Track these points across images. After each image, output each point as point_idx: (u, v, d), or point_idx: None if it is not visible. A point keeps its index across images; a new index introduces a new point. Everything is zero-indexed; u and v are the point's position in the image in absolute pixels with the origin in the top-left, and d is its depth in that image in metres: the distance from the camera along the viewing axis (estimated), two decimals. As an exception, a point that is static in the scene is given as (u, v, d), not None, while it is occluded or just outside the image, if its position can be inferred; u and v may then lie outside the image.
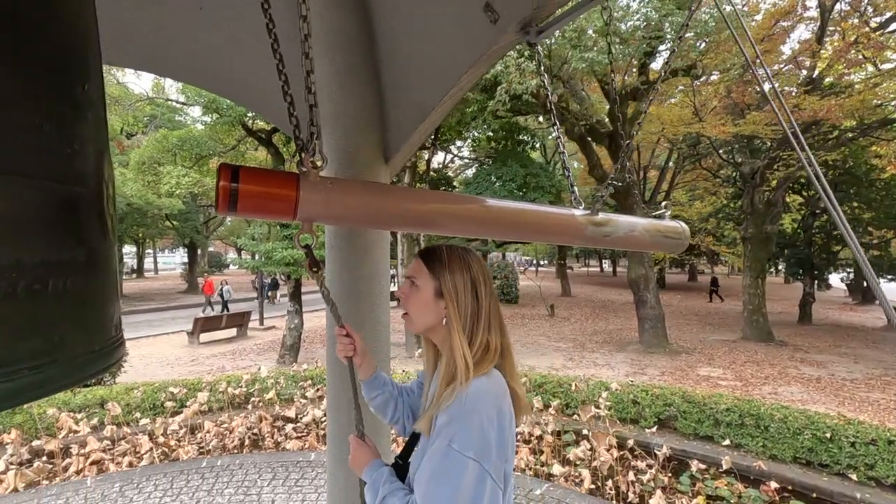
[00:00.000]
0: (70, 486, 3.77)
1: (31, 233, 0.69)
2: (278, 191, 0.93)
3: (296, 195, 0.93)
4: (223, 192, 0.89)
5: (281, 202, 0.93)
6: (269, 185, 0.93)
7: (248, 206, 0.91)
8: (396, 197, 1.19)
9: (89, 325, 0.82)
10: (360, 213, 1.08)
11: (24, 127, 0.69)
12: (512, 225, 1.43)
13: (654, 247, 1.74)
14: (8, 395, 0.65)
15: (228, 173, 0.90)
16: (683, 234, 1.77)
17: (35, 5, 0.70)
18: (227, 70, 2.47)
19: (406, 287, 1.17)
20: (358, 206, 1.06)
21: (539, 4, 1.74)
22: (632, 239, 1.64)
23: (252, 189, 0.90)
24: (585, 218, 1.50)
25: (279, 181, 0.94)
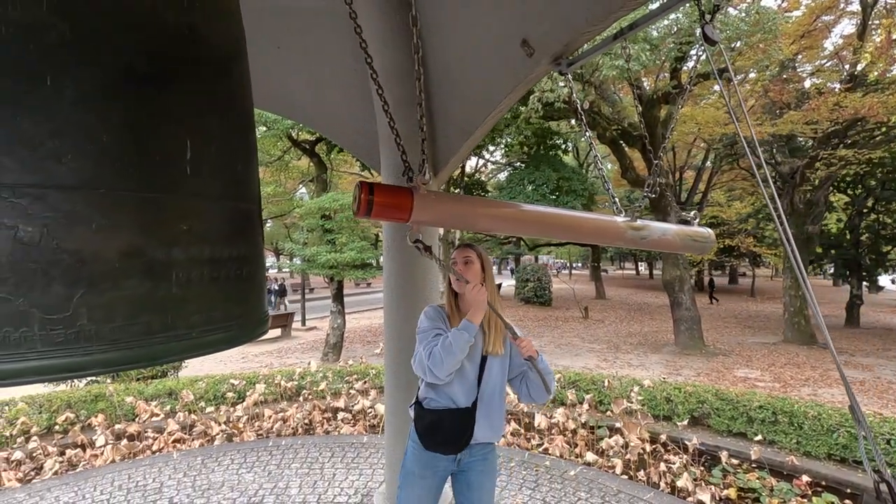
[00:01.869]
0: (160, 459, 4.33)
1: (232, 236, 1.07)
2: (399, 201, 1.30)
3: (411, 204, 1.30)
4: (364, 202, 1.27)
5: (401, 210, 1.31)
6: (393, 198, 1.30)
7: (379, 212, 1.29)
8: (476, 205, 1.63)
9: (257, 299, 1.20)
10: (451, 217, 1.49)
11: (229, 166, 1.07)
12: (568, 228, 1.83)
13: (684, 249, 2.04)
14: (226, 340, 1.03)
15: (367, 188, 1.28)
16: (709, 239, 2.06)
17: (216, 65, 1.03)
18: (300, 100, 2.89)
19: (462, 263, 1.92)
20: (450, 211, 1.46)
21: (569, 41, 2.07)
22: (664, 241, 1.95)
23: (383, 200, 1.28)
24: (626, 223, 1.84)
25: (399, 194, 1.32)
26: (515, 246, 29.25)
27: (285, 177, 18.05)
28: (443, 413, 1.86)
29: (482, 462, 1.94)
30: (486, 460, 1.96)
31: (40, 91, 0.69)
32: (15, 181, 0.63)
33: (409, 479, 1.93)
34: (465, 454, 1.90)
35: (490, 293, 1.85)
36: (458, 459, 1.91)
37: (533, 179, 13.68)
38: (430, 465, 1.90)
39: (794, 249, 0.98)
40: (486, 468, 1.95)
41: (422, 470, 1.90)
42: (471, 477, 1.93)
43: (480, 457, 1.94)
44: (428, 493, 1.91)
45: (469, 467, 1.93)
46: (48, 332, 0.62)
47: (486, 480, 1.95)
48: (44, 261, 0.63)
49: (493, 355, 1.90)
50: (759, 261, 26.42)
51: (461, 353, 1.74)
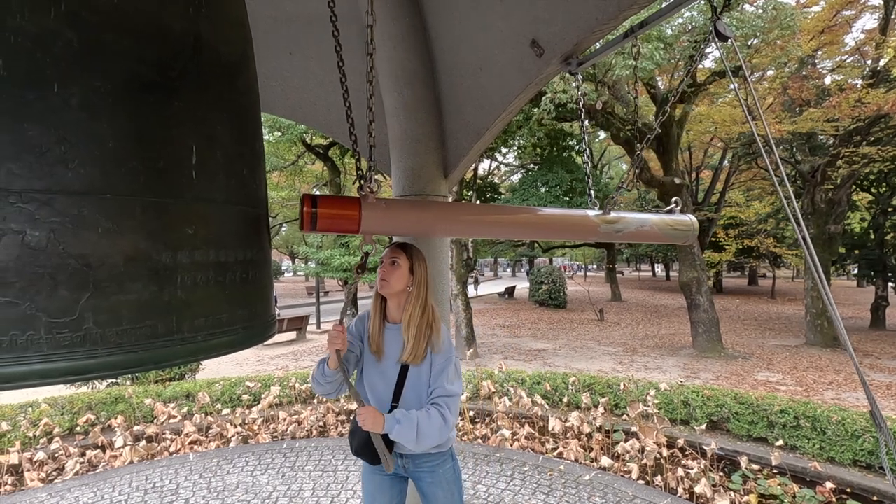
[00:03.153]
0: (176, 460, 4.39)
1: (238, 241, 1.07)
2: (346, 212, 1.26)
3: (359, 214, 1.26)
4: (307, 215, 1.23)
5: (348, 220, 1.26)
6: (339, 208, 1.26)
7: (325, 225, 1.24)
8: (434, 211, 1.58)
9: (266, 302, 1.20)
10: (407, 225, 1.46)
11: (235, 171, 1.08)
12: (534, 226, 1.76)
13: (665, 239, 1.93)
14: (232, 343, 1.03)
15: (310, 201, 1.23)
16: (692, 227, 1.95)
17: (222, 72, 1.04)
18: (313, 105, 2.92)
19: (388, 264, 1.77)
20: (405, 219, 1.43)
21: (579, 41, 2.06)
22: (643, 233, 1.86)
23: (327, 212, 1.24)
24: (598, 217, 1.75)
25: (346, 204, 1.27)
26: (529, 248, 29.11)
27: (300, 181, 18.25)
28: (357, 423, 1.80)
29: (430, 474, 1.85)
30: (435, 473, 1.86)
31: (48, 98, 0.70)
32: (22, 187, 0.64)
33: (364, 473, 1.95)
34: (406, 463, 1.85)
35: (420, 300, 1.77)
36: (402, 466, 1.87)
37: (546, 181, 13.60)
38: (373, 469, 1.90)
39: (810, 247, 0.95)
40: (435, 479, 1.86)
41: (371, 468, 1.90)
42: (422, 487, 1.88)
43: (427, 469, 1.85)
44: (380, 488, 1.90)
45: (417, 477, 1.87)
46: (54, 336, 0.63)
47: (438, 491, 1.86)
48: (50, 265, 0.64)
49: (413, 365, 1.77)
50: (779, 262, 25.88)
51: (322, 387, 1.72)
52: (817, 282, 0.99)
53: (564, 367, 9.81)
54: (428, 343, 1.77)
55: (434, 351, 1.78)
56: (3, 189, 0.64)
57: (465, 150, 2.63)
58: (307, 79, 2.89)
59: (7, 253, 0.61)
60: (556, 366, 9.95)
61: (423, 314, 1.78)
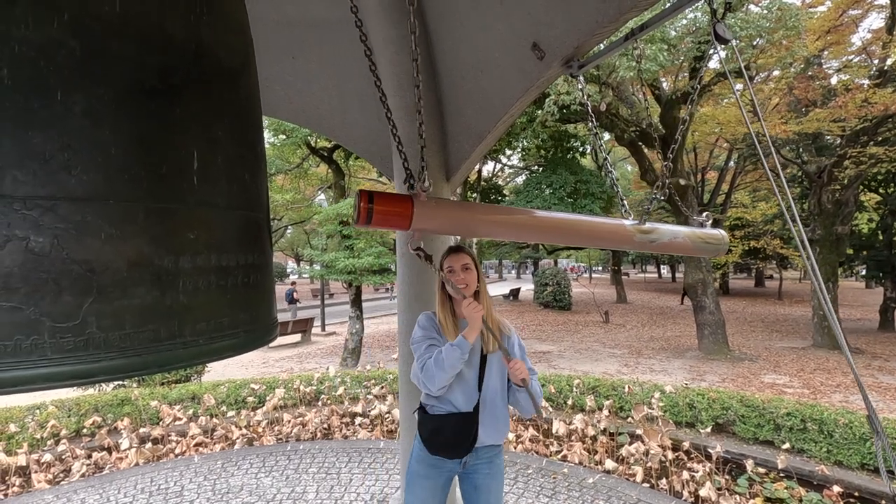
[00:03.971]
0: (181, 462, 4.42)
1: (239, 245, 1.08)
2: (399, 209, 1.29)
3: (411, 212, 1.29)
4: (363, 211, 1.26)
5: (401, 218, 1.30)
6: (393, 206, 1.30)
7: (379, 220, 1.28)
8: (478, 211, 1.62)
9: (268, 305, 1.21)
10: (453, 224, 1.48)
11: (237, 176, 1.09)
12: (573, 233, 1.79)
13: (696, 252, 1.97)
14: (234, 347, 1.04)
15: (366, 197, 1.27)
16: (723, 241, 2.00)
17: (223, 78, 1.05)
18: (316, 109, 2.93)
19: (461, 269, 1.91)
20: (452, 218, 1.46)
21: (580, 43, 2.06)
22: (675, 245, 1.89)
23: (382, 208, 1.27)
24: (634, 227, 1.79)
25: (400, 202, 1.31)
26: (534, 250, 29.08)
27: (304, 184, 18.32)
28: (445, 418, 1.86)
29: (488, 465, 1.94)
30: (493, 463, 1.95)
31: (52, 106, 0.71)
32: (27, 193, 0.65)
33: (414, 479, 1.94)
34: (470, 457, 1.90)
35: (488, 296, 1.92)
36: (463, 462, 1.91)
37: (550, 183, 13.59)
38: (435, 466, 1.90)
39: (808, 249, 0.95)
40: (492, 471, 1.94)
41: (426, 471, 1.91)
42: (477, 480, 1.93)
43: (486, 460, 1.93)
44: (433, 494, 1.92)
45: (475, 470, 1.93)
46: (58, 340, 0.64)
47: (492, 483, 1.94)
48: (54, 270, 0.65)
49: (492, 353, 1.92)
50: (786, 263, 25.70)
51: (452, 371, 1.74)
52: (815, 285, 0.99)
53: (569, 369, 9.78)
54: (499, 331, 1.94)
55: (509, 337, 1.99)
56: (8, 196, 0.65)
57: (467, 153, 2.64)
58: (310, 83, 2.91)
59: (12, 259, 0.63)
60: (561, 368, 9.93)
61: (492, 307, 1.94)
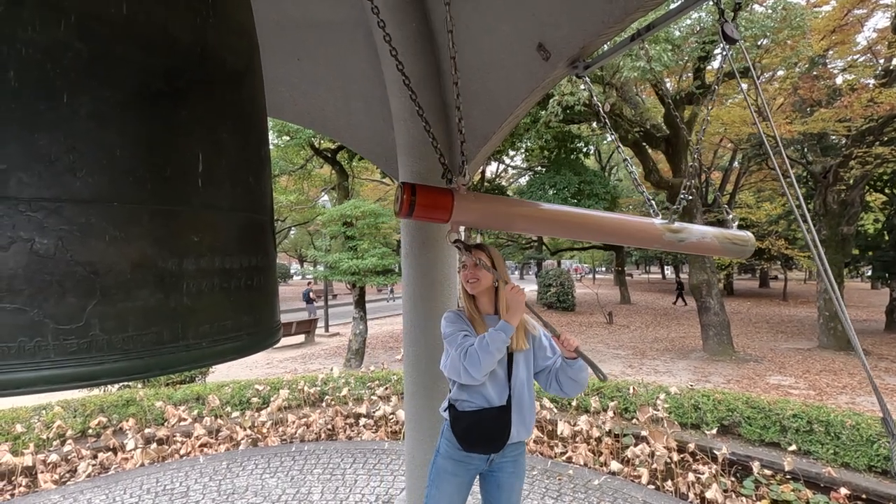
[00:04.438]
0: (186, 463, 4.43)
1: (243, 247, 1.07)
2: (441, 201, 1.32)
3: (451, 205, 1.32)
4: (406, 202, 1.28)
5: (442, 210, 1.32)
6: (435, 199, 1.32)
7: (420, 212, 1.31)
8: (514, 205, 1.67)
9: (270, 308, 1.21)
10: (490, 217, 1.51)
11: (241, 179, 1.08)
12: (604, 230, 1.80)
13: (723, 252, 1.97)
14: (238, 349, 1.04)
15: (409, 189, 1.29)
16: (749, 242, 2.00)
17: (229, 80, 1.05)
18: (320, 110, 2.93)
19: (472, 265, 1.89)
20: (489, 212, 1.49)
21: (585, 44, 2.05)
22: (703, 245, 1.89)
23: (425, 200, 1.30)
24: (664, 226, 1.79)
25: (441, 195, 1.33)
26: (537, 250, 29.02)
27: (308, 185, 18.35)
28: (481, 413, 1.85)
29: (513, 463, 1.94)
30: (517, 462, 1.95)
31: (57, 108, 0.71)
32: (32, 195, 0.65)
33: (442, 476, 1.93)
34: (497, 454, 1.91)
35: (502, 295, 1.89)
36: (490, 459, 1.90)
37: (554, 183, 13.55)
38: (464, 463, 1.90)
39: (819, 249, 0.94)
40: (516, 469, 1.95)
41: (455, 468, 1.91)
42: (501, 477, 1.93)
43: (512, 458, 1.93)
44: (459, 490, 1.92)
45: (500, 468, 1.93)
46: (62, 342, 0.64)
47: (515, 481, 1.95)
48: (58, 272, 0.65)
49: (518, 351, 1.91)
50: (791, 264, 25.55)
51: (499, 354, 1.74)
52: (828, 286, 0.97)
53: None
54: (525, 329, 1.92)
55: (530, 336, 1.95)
56: (14, 198, 0.65)
57: (473, 154, 2.63)
58: (315, 84, 2.91)
59: (16, 261, 0.62)
60: (565, 369, 9.89)
61: None
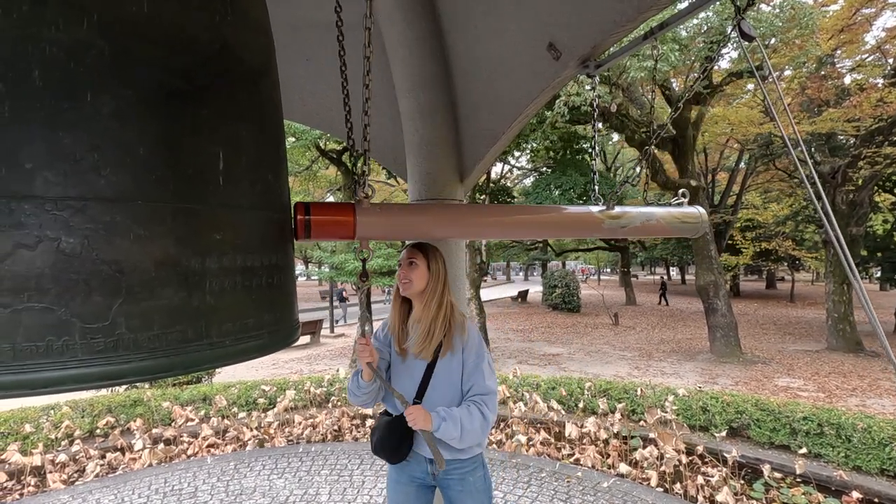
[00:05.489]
0: (194, 463, 4.45)
1: (264, 246, 1.07)
2: (340, 218, 1.23)
3: (353, 220, 1.22)
4: (300, 223, 1.19)
5: (342, 227, 1.23)
6: (332, 215, 1.23)
7: (319, 232, 1.21)
8: (431, 214, 1.55)
9: (290, 306, 1.20)
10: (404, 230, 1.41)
11: (260, 177, 1.08)
12: (536, 226, 1.73)
13: (674, 232, 1.88)
14: (259, 348, 1.03)
15: (303, 208, 1.20)
16: (701, 219, 1.91)
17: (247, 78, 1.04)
18: (328, 111, 2.94)
19: (406, 265, 1.77)
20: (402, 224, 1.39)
21: (597, 43, 2.04)
22: (649, 227, 1.81)
23: (320, 219, 1.20)
24: (602, 213, 1.72)
25: (340, 210, 1.24)
26: (542, 252, 28.97)
27: (314, 186, 18.40)
28: (383, 419, 1.82)
29: (459, 482, 1.79)
30: (465, 480, 1.79)
31: (81, 107, 0.71)
32: (58, 194, 0.65)
33: (389, 482, 1.93)
34: (434, 468, 1.80)
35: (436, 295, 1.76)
36: (430, 472, 1.82)
37: (560, 184, 13.52)
38: (404, 472, 1.86)
39: (844, 249, 0.92)
40: (465, 488, 1.79)
41: (395, 474, 1.89)
42: (451, 495, 1.83)
43: (457, 476, 1.79)
44: (406, 498, 1.87)
45: (446, 485, 1.82)
46: (88, 341, 0.64)
47: (467, 500, 1.81)
48: (84, 271, 0.65)
49: (441, 360, 1.76)
50: (798, 265, 25.35)
51: (357, 399, 1.73)
52: (853, 282, 0.96)
53: (579, 371, 9.72)
54: (445, 339, 1.76)
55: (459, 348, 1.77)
56: (40, 197, 0.65)
57: (481, 155, 2.62)
58: (323, 85, 2.91)
59: (43, 260, 0.62)
60: (571, 370, 9.86)
61: (440, 309, 1.77)
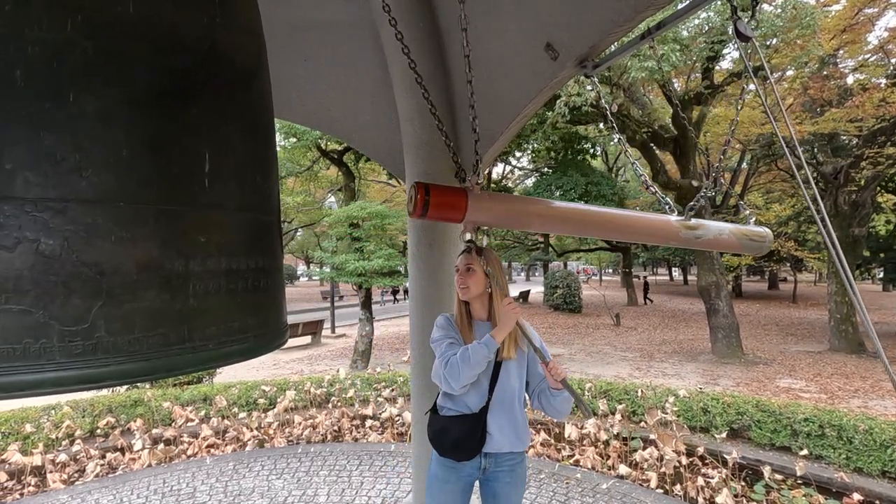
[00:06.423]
0: (193, 464, 4.45)
1: (250, 248, 1.06)
2: (455, 201, 1.31)
3: (465, 204, 1.31)
4: (420, 202, 1.27)
5: (456, 210, 1.31)
6: (449, 198, 1.31)
7: (435, 212, 1.30)
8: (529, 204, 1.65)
9: (277, 310, 1.19)
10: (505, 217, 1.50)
11: (248, 179, 1.07)
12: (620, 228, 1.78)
13: (741, 249, 1.94)
14: (244, 351, 1.02)
15: (423, 189, 1.28)
16: (767, 238, 1.97)
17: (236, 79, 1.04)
18: (327, 111, 2.93)
19: (464, 271, 1.85)
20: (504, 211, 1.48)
21: (594, 43, 2.03)
22: (720, 241, 1.86)
23: (438, 200, 1.29)
24: (680, 223, 1.77)
25: (455, 194, 1.32)
26: (543, 252, 28.94)
27: (314, 186, 18.42)
28: (453, 419, 1.85)
29: (509, 474, 1.89)
30: (514, 472, 1.90)
31: (65, 107, 0.70)
32: (38, 195, 0.64)
33: (433, 483, 1.92)
34: (489, 463, 1.87)
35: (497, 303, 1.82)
36: (482, 467, 1.87)
37: (561, 185, 13.51)
38: (453, 469, 1.87)
39: (838, 250, 0.91)
40: (513, 479, 1.89)
41: (445, 474, 1.89)
42: (497, 487, 1.89)
43: (507, 468, 1.88)
44: (453, 498, 1.89)
45: (495, 477, 1.89)
46: (67, 344, 0.63)
47: (512, 493, 1.90)
48: (64, 273, 0.64)
49: (507, 359, 1.85)
50: (800, 265, 25.27)
51: (479, 368, 1.72)
52: (846, 285, 0.95)
53: (580, 372, 9.69)
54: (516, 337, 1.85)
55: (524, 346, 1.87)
56: (20, 198, 0.64)
57: (482, 154, 2.61)
58: (322, 85, 2.91)
59: (22, 261, 0.62)
60: (572, 371, 9.84)
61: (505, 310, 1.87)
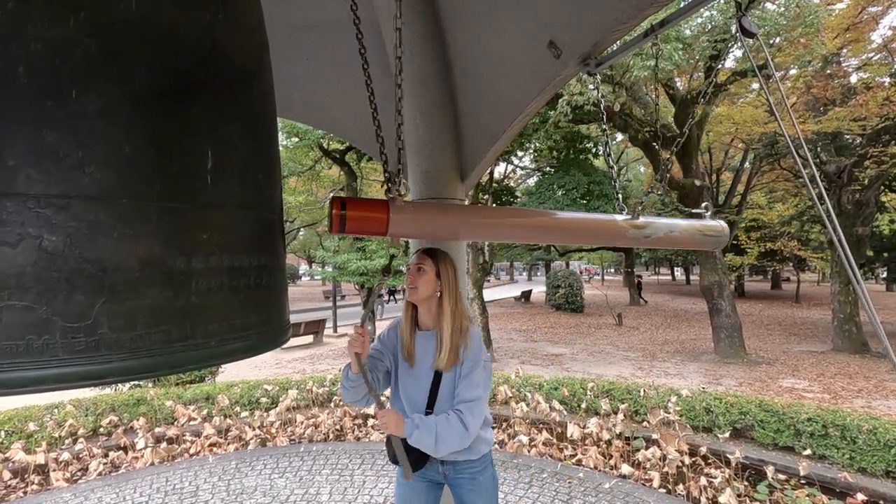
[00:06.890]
0: (196, 462, 4.46)
1: (252, 246, 1.06)
2: (374, 214, 1.25)
3: (387, 217, 1.25)
4: (336, 218, 1.22)
5: (376, 223, 1.25)
6: (367, 211, 1.26)
7: (353, 227, 1.23)
8: (459, 214, 1.55)
9: (280, 307, 1.20)
10: (433, 228, 1.43)
11: (250, 177, 1.07)
12: (560, 231, 1.72)
13: (695, 245, 1.88)
14: (247, 349, 1.02)
15: (339, 203, 1.23)
16: (723, 232, 1.90)
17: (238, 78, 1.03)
18: (329, 110, 2.94)
19: (414, 270, 1.76)
20: (431, 222, 1.41)
21: (597, 41, 2.02)
22: (672, 238, 1.81)
23: (355, 214, 1.23)
24: (627, 222, 1.71)
25: (374, 207, 1.27)
26: (546, 252, 28.92)
27: (317, 186, 18.43)
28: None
29: (470, 481, 1.82)
30: (475, 480, 1.82)
31: (67, 105, 0.70)
32: (41, 192, 0.64)
33: (398, 484, 1.92)
34: (447, 469, 1.82)
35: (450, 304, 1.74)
36: (442, 473, 1.83)
37: (563, 184, 13.46)
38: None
39: (845, 247, 0.91)
40: (475, 487, 1.82)
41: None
42: (462, 494, 1.84)
43: (468, 476, 1.82)
44: (416, 494, 1.87)
45: (457, 484, 1.84)
46: (70, 340, 0.63)
47: (476, 499, 1.83)
48: (67, 270, 0.64)
49: (447, 371, 1.74)
50: (803, 265, 25.19)
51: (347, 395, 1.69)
52: (854, 285, 0.94)
53: (582, 372, 9.68)
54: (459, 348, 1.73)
55: (462, 358, 1.73)
56: (23, 194, 0.65)
57: (482, 154, 2.61)
58: (323, 84, 2.91)
59: (25, 258, 0.62)
60: (574, 371, 9.83)
61: (454, 319, 1.74)
